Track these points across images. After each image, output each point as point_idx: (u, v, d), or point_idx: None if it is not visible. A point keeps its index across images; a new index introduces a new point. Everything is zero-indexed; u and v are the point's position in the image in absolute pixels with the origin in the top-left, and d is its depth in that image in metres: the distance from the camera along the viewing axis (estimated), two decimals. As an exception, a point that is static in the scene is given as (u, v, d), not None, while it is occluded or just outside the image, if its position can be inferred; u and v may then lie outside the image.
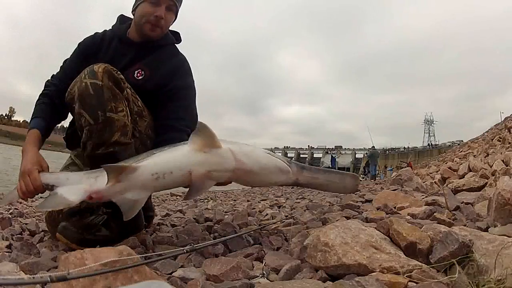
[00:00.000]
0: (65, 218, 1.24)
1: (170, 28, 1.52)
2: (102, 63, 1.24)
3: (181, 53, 1.55)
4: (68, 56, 1.51)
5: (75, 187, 1.09)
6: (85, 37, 1.53)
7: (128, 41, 1.47)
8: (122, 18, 1.56)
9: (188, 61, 1.54)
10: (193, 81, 1.52)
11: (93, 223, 1.22)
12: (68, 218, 1.23)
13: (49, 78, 1.49)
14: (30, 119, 1.40)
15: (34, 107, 1.41)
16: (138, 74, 1.41)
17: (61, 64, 1.51)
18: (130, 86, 1.32)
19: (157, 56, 1.46)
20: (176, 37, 1.57)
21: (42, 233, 1.51)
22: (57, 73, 1.50)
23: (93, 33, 1.54)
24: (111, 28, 1.55)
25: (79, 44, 1.51)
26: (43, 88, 1.46)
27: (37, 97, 1.44)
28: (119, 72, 1.26)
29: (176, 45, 1.57)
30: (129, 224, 1.19)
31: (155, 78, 1.42)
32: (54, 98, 1.41)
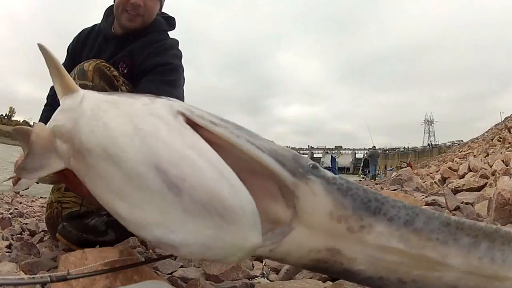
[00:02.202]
0: (65, 219, 1.24)
1: (167, 13, 1.43)
2: (93, 59, 1.17)
3: (170, 38, 1.39)
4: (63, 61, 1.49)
5: None
6: (74, 37, 1.48)
7: (111, 35, 1.37)
8: (108, 11, 1.43)
9: (180, 49, 1.37)
10: (175, 61, 1.30)
11: (94, 225, 1.21)
12: (68, 220, 1.22)
13: (49, 91, 1.47)
14: None
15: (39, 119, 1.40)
16: (122, 68, 1.28)
17: None
18: (126, 82, 1.23)
19: (140, 43, 1.31)
20: (170, 23, 1.43)
21: (42, 233, 1.51)
22: None
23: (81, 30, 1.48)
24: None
25: (68, 47, 1.47)
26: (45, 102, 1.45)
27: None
28: (112, 69, 1.19)
29: (170, 32, 1.42)
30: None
31: (136, 66, 1.28)
32: (55, 106, 1.40)
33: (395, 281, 0.43)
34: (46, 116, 1.40)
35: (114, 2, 1.34)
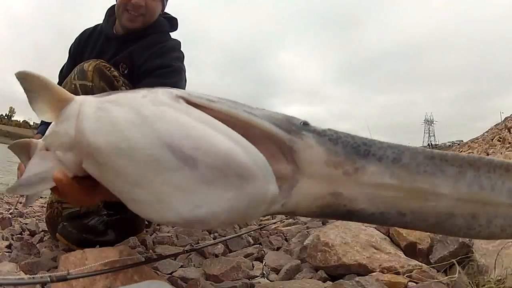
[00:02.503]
0: (65, 219, 1.24)
1: (169, 13, 1.43)
2: (93, 59, 1.16)
3: (172, 40, 1.39)
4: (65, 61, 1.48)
5: None
6: (75, 37, 1.48)
7: (113, 35, 1.37)
8: (110, 11, 1.43)
9: (183, 50, 1.37)
10: (177, 63, 1.29)
11: (94, 225, 1.21)
12: (68, 220, 1.23)
13: None
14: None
15: None
16: (122, 69, 1.28)
17: (59, 73, 1.48)
18: (127, 83, 1.23)
19: (140, 44, 1.31)
20: (172, 23, 1.42)
21: (42, 233, 1.51)
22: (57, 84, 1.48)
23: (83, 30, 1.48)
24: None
25: (69, 48, 1.47)
26: None
27: None
28: (112, 69, 1.18)
29: (173, 33, 1.42)
30: (130, 226, 1.19)
31: (137, 67, 1.28)
32: None
33: (395, 214, 0.49)
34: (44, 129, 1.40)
35: (116, 2, 1.34)
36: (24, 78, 0.61)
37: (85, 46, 1.42)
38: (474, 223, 0.48)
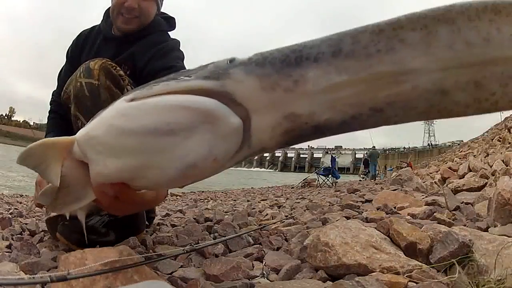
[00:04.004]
0: (65, 219, 1.24)
1: (166, 13, 1.42)
2: (99, 58, 1.16)
3: (171, 39, 1.39)
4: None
5: None
6: (72, 40, 1.47)
7: (111, 37, 1.37)
8: (108, 13, 1.42)
9: (182, 49, 1.37)
10: (179, 63, 1.30)
11: (94, 225, 1.21)
12: (68, 220, 1.22)
13: (51, 97, 1.47)
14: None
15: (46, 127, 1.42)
16: (124, 70, 1.27)
17: (57, 76, 1.48)
18: (132, 82, 1.23)
19: (140, 46, 1.31)
20: (170, 23, 1.43)
21: (42, 233, 1.51)
22: (56, 88, 1.47)
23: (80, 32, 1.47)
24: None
25: (67, 51, 1.46)
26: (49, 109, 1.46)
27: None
28: (118, 69, 1.18)
29: (171, 32, 1.42)
30: (130, 226, 1.19)
31: (139, 68, 1.29)
32: (60, 112, 1.39)
33: (369, 112, 0.41)
34: (52, 124, 1.41)
35: (111, 4, 1.33)
36: (26, 157, 0.60)
37: (83, 47, 1.42)
38: (483, 93, 0.37)
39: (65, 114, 1.33)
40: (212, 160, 0.48)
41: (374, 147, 19.71)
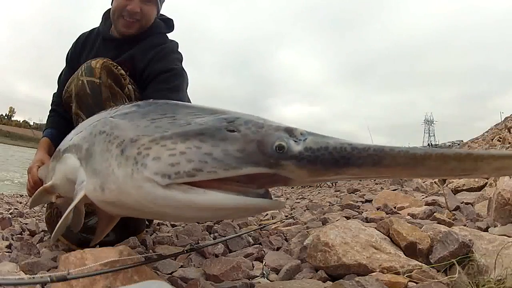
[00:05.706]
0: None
1: (165, 14, 1.43)
2: (101, 57, 1.17)
3: (169, 41, 1.40)
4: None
5: None
6: (72, 43, 1.48)
7: (110, 38, 1.38)
8: (106, 14, 1.43)
9: (180, 51, 1.39)
10: (178, 65, 1.32)
11: (94, 225, 1.21)
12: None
13: (52, 98, 1.48)
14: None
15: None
16: (124, 71, 1.27)
17: (57, 79, 1.49)
18: (132, 82, 1.24)
19: (139, 48, 1.32)
20: (168, 25, 1.43)
21: (42, 233, 1.51)
22: (56, 90, 1.48)
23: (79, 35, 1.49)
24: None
25: (66, 55, 1.47)
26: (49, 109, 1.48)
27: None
28: (119, 68, 1.18)
29: (169, 34, 1.43)
30: (130, 226, 1.18)
31: (138, 70, 1.29)
32: (59, 111, 1.40)
33: None
34: (51, 121, 1.42)
35: (111, 6, 1.34)
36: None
37: (82, 49, 1.43)
38: None
39: (64, 113, 1.34)
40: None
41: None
